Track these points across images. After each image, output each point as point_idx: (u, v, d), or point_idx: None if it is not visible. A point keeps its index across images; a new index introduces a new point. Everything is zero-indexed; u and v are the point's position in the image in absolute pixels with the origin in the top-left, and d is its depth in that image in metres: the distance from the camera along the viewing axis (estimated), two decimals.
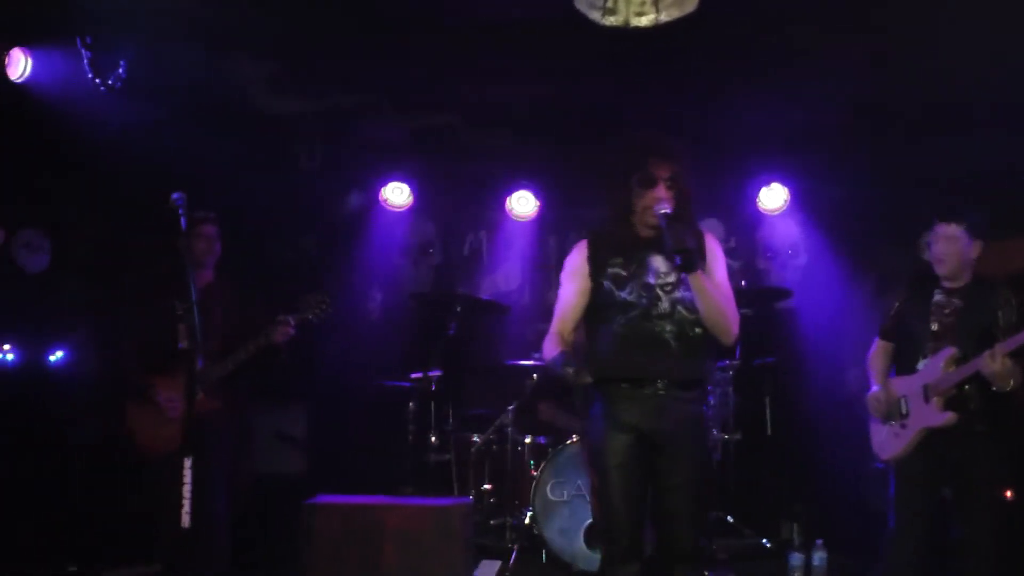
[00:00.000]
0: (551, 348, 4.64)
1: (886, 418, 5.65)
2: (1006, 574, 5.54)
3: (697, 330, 4.61)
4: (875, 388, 5.79)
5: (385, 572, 6.33)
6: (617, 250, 4.70)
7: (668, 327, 4.57)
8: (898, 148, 8.17)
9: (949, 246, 5.47)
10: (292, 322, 6.16)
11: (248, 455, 8.30)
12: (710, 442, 4.57)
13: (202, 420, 5.97)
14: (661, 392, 4.56)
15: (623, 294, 4.62)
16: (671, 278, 4.60)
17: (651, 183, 4.65)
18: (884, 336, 5.87)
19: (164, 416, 6.01)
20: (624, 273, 4.66)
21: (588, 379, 4.47)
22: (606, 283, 4.66)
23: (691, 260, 4.42)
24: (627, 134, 4.96)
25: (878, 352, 5.90)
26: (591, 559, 6.48)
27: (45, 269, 8.14)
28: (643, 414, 4.56)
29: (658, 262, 4.64)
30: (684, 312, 4.60)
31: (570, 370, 4.45)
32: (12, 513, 7.31)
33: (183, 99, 7.60)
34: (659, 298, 4.61)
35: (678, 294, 4.60)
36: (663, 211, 4.54)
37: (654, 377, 4.56)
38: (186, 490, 4.68)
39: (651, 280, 4.62)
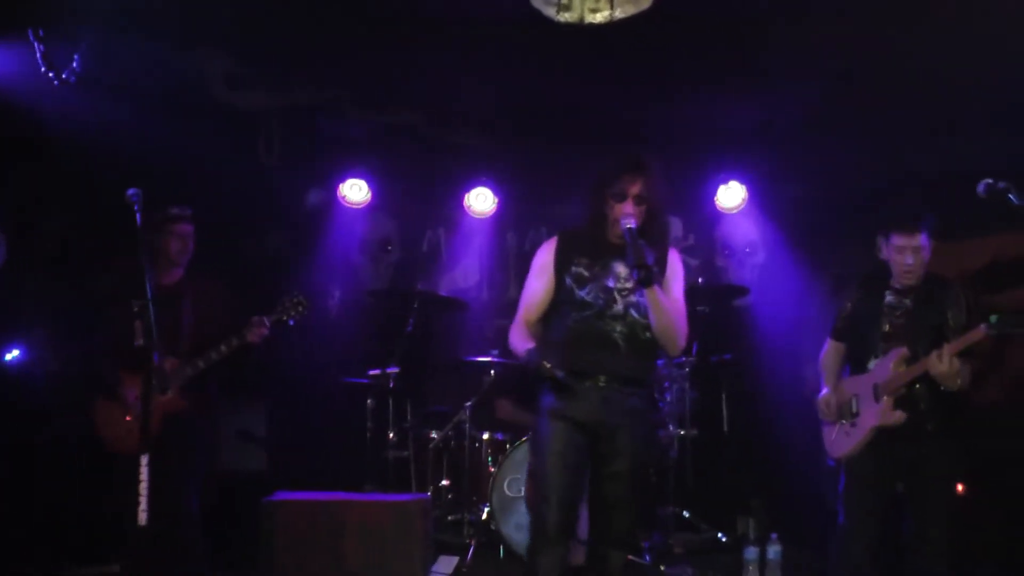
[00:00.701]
0: (520, 340, 4.93)
1: (836, 419, 5.72)
2: (958, 567, 5.62)
3: (647, 334, 4.91)
4: (824, 391, 5.86)
5: (345, 568, 6.34)
6: (584, 251, 5.00)
7: (619, 328, 4.87)
8: (854, 148, 8.23)
9: (917, 256, 5.51)
10: (267, 323, 6.13)
11: (215, 454, 8.29)
12: (660, 437, 4.73)
13: (172, 420, 5.97)
14: (602, 385, 4.84)
15: (582, 293, 4.90)
16: (630, 284, 4.87)
17: (621, 197, 4.90)
18: (835, 337, 5.93)
19: (133, 414, 5.97)
20: (587, 274, 4.95)
21: (559, 372, 4.69)
22: (568, 280, 4.94)
23: (648, 276, 4.66)
24: (616, 149, 5.15)
25: (829, 353, 5.97)
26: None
27: (1, 266, 8.06)
28: (586, 406, 4.83)
29: (620, 268, 4.92)
30: (636, 316, 4.90)
31: (546, 364, 4.69)
32: None
33: (140, 93, 7.54)
34: (615, 300, 4.90)
35: (633, 298, 4.90)
36: (628, 226, 4.79)
37: (597, 372, 4.84)
38: (143, 487, 4.65)
39: (611, 284, 4.92)
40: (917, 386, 5.40)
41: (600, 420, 4.84)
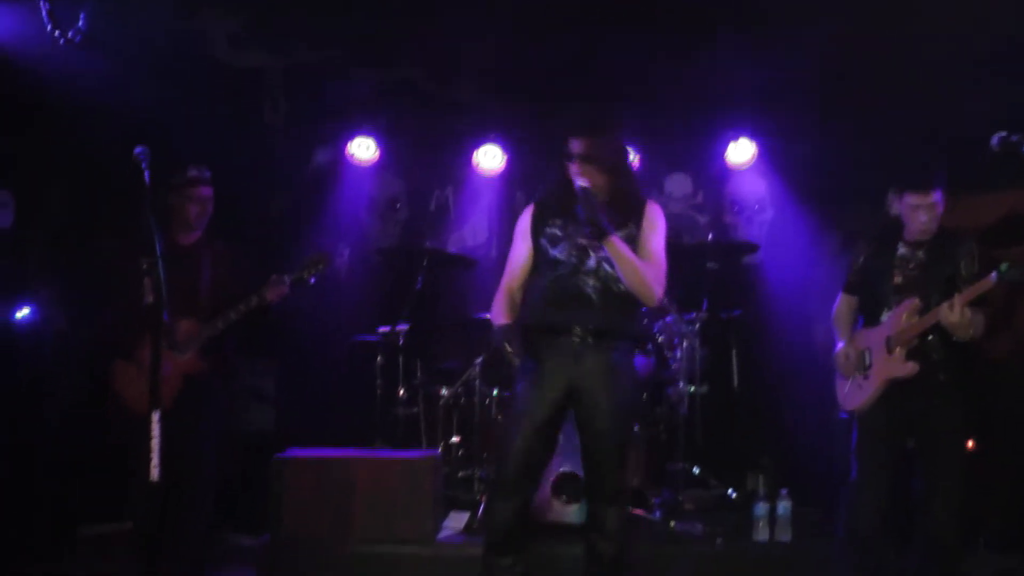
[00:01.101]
0: (497, 313, 5.20)
1: (854, 373, 5.70)
2: (968, 523, 5.62)
3: (621, 286, 5.00)
4: (840, 344, 5.83)
5: (355, 524, 6.39)
6: (557, 212, 5.17)
7: (591, 282, 5.01)
8: (867, 103, 8.18)
9: (931, 213, 5.49)
10: (288, 281, 6.11)
11: (232, 414, 8.32)
12: (641, 390, 4.84)
13: (190, 381, 5.98)
14: (577, 340, 4.96)
15: (555, 252, 5.07)
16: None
17: (569, 158, 5.11)
18: (848, 290, 5.91)
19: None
20: (560, 234, 5.11)
21: (517, 359, 5.00)
22: (543, 241, 5.11)
23: (598, 232, 4.86)
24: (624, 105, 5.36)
25: (842, 307, 5.95)
26: (560, 509, 6.52)
27: (9, 226, 8.06)
28: (562, 362, 4.97)
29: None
30: (609, 270, 5.02)
31: (508, 348, 5.02)
32: None
33: (145, 53, 7.51)
34: (588, 256, 5.04)
35: (604, 252, 4.97)
36: (581, 184, 4.97)
37: (572, 326, 4.97)
38: (154, 444, 4.66)
39: (583, 241, 5.02)
40: (930, 337, 5.37)
41: (575, 377, 4.96)
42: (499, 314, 5.19)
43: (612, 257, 4.94)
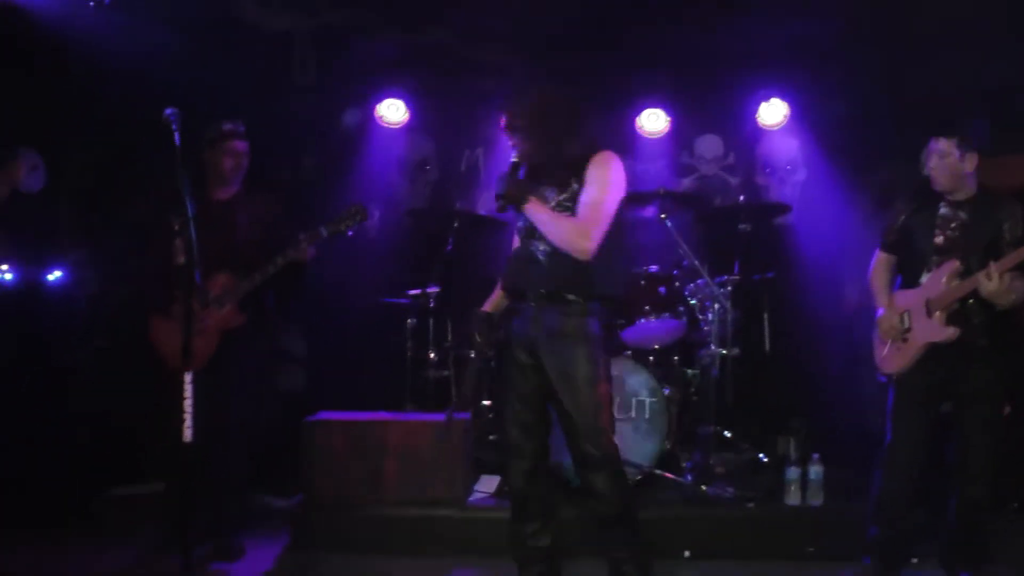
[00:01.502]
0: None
1: (896, 338, 5.63)
2: (1002, 489, 5.59)
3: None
4: (882, 311, 5.77)
5: (386, 487, 6.42)
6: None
7: (541, 247, 5.04)
8: (900, 62, 8.09)
9: (940, 161, 5.45)
10: (324, 233, 6.09)
11: (275, 369, 8.34)
12: (599, 349, 4.86)
13: (229, 335, 6.00)
14: (532, 304, 5.06)
15: (519, 221, 5.21)
16: (551, 203, 5.02)
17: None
18: (885, 248, 5.83)
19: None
20: None
21: (473, 351, 5.29)
22: (512, 211, 5.13)
23: (501, 206, 5.00)
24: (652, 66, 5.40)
25: (879, 266, 5.87)
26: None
27: (42, 189, 8.09)
28: (524, 326, 5.11)
29: (545, 190, 5.07)
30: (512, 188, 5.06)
31: (476, 337, 5.24)
32: (13, 432, 7.34)
33: (174, 15, 7.51)
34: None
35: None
36: (511, 159, 5.13)
37: (527, 291, 5.09)
38: (187, 404, 4.68)
39: (550, 205, 5.04)
40: (970, 301, 5.31)
41: (534, 340, 5.06)
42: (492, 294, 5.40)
43: (533, 222, 5.04)
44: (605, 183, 4.99)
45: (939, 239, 5.47)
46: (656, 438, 6.72)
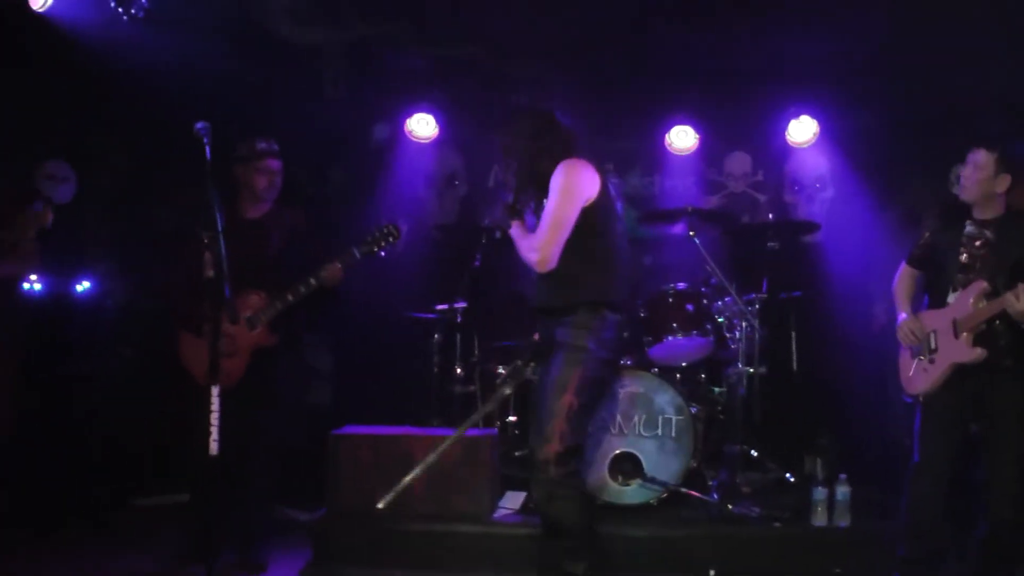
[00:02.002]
0: None
1: (917, 343, 5.60)
2: None
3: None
4: (902, 316, 5.75)
5: (411, 501, 6.38)
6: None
7: None
8: (930, 79, 8.06)
9: (975, 172, 5.43)
10: (358, 254, 6.09)
11: (305, 389, 8.36)
12: (586, 361, 4.90)
13: (260, 354, 6.00)
14: (541, 319, 5.32)
15: None
16: (536, 222, 5.20)
17: None
18: (911, 263, 5.83)
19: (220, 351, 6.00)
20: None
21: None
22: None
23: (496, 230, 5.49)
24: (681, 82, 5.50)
25: (903, 277, 5.86)
26: (616, 490, 6.51)
27: (71, 200, 8.15)
28: (542, 339, 5.33)
29: (528, 211, 5.30)
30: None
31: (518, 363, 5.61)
32: (39, 441, 7.38)
33: (206, 28, 7.55)
34: None
35: None
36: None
37: (535, 307, 5.35)
38: (214, 418, 4.69)
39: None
40: (997, 323, 5.29)
41: (545, 353, 5.25)
42: None
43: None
44: (556, 193, 5.06)
45: (964, 257, 5.45)
46: (682, 456, 6.69)
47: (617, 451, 6.56)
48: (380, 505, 5.44)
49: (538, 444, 5.04)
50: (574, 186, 5.05)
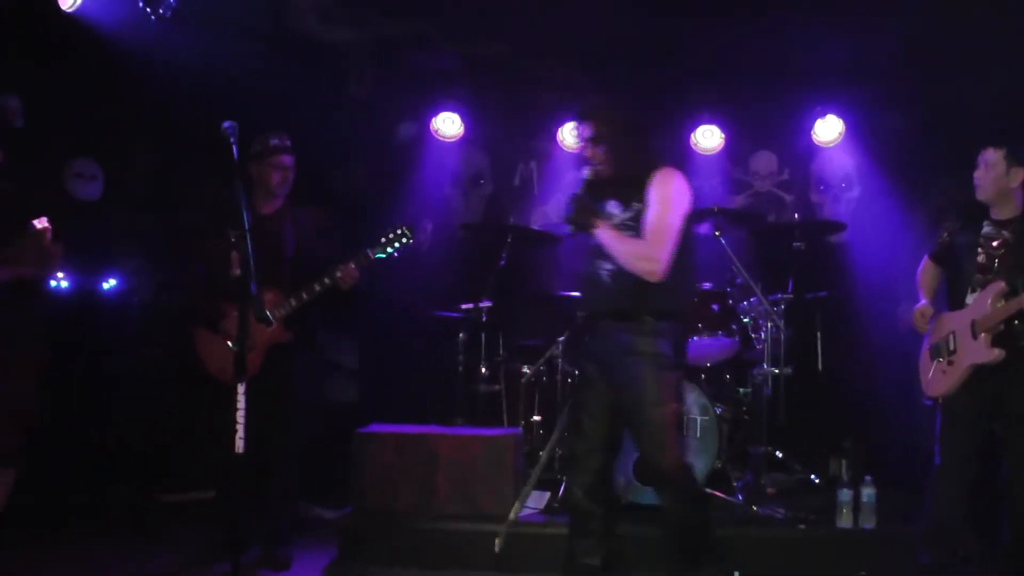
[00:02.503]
0: None
1: (924, 330, 5.61)
2: None
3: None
4: (921, 302, 5.75)
5: (436, 500, 6.42)
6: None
7: (606, 266, 5.08)
8: (955, 78, 8.03)
9: (986, 172, 5.47)
10: (371, 255, 6.09)
11: (319, 385, 8.39)
12: (667, 367, 4.88)
13: (275, 350, 6.03)
14: (602, 324, 5.14)
15: (591, 240, 5.14)
16: (615, 220, 5.07)
17: (580, 145, 5.27)
18: (933, 258, 5.85)
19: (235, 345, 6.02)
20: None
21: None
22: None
23: (576, 229, 5.06)
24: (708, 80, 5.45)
25: (925, 270, 5.92)
26: (640, 491, 6.50)
27: (98, 198, 8.19)
28: (595, 344, 5.20)
29: (611, 206, 5.13)
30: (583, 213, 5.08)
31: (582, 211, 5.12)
32: (68, 437, 7.43)
33: (233, 28, 7.58)
34: None
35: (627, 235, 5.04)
36: (584, 176, 5.20)
37: (596, 311, 5.19)
38: (239, 415, 4.71)
39: (614, 222, 5.08)
40: (1016, 323, 5.27)
41: (603, 358, 5.15)
42: None
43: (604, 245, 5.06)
44: (668, 202, 4.98)
45: (981, 257, 5.45)
46: (707, 457, 6.68)
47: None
48: (511, 517, 5.80)
49: (657, 456, 5.03)
50: (683, 196, 5.05)
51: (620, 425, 5.20)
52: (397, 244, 6.17)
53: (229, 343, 5.98)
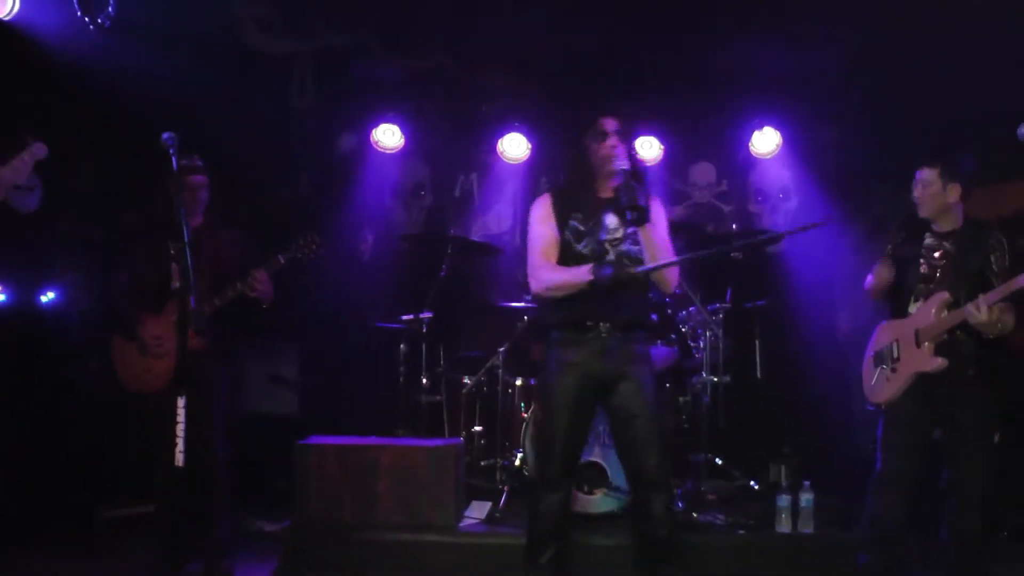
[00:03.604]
0: (558, 272, 5.14)
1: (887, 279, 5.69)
2: (993, 516, 5.60)
3: (639, 279, 5.09)
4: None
5: (378, 511, 6.41)
6: (576, 206, 5.22)
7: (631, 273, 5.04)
8: (891, 92, 8.15)
9: (924, 190, 5.52)
10: (283, 260, 6.10)
11: (238, 394, 8.32)
12: (659, 378, 4.97)
13: (192, 358, 5.98)
14: (604, 335, 5.08)
15: (579, 247, 5.17)
16: (619, 233, 5.13)
17: (603, 136, 5.18)
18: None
19: (150, 354, 5.99)
20: (582, 228, 5.19)
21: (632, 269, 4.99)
22: (567, 234, 5.18)
23: (642, 216, 4.95)
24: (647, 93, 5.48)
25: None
26: (582, 500, 6.52)
27: (36, 209, 8.10)
28: (588, 356, 5.11)
29: (610, 219, 5.19)
30: (627, 263, 5.08)
31: (625, 263, 5.04)
32: (7, 453, 7.34)
33: (173, 37, 7.54)
34: (607, 252, 5.14)
35: (623, 247, 5.15)
36: (622, 167, 5.06)
37: (597, 321, 5.08)
38: (179, 428, 4.68)
39: (603, 236, 5.14)
40: (958, 332, 5.34)
41: (604, 369, 5.10)
42: (562, 269, 5.16)
43: (645, 244, 5.06)
44: (666, 225, 5.22)
45: (924, 268, 5.52)
46: None
47: (581, 460, 6.58)
48: None
49: (662, 461, 5.12)
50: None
51: (586, 438, 5.34)
52: (307, 250, 6.17)
53: (146, 355, 5.96)
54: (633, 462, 5.18)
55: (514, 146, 9.26)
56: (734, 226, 8.38)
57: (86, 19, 6.88)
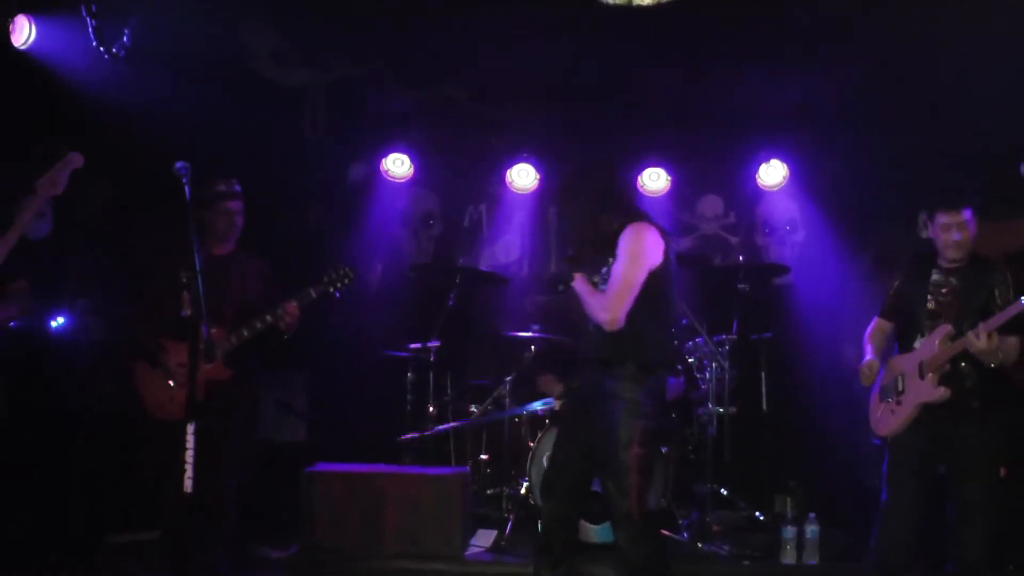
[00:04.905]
0: None
1: (869, 382, 5.71)
2: (999, 550, 5.60)
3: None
4: (867, 357, 5.84)
5: (383, 539, 6.43)
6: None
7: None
8: (898, 126, 8.20)
9: (964, 231, 5.49)
10: (314, 294, 6.11)
11: (256, 424, 8.35)
12: (640, 415, 4.98)
13: (215, 387, 6.01)
14: (588, 369, 5.30)
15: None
16: (594, 279, 5.24)
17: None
18: (883, 315, 5.91)
19: (174, 381, 6.00)
20: None
21: None
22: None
23: (553, 286, 5.33)
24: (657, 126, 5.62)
25: (875, 331, 5.94)
26: (586, 529, 6.54)
27: (48, 236, 8.15)
28: (582, 386, 5.38)
29: (590, 269, 5.29)
30: None
31: None
32: (13, 478, 7.36)
33: (188, 68, 7.60)
34: None
35: (601, 288, 5.20)
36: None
37: (585, 357, 5.34)
38: (188, 455, 4.71)
39: (595, 279, 5.25)
40: (962, 364, 5.36)
41: (586, 400, 5.28)
42: None
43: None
44: (629, 256, 5.10)
45: (931, 304, 5.54)
46: (653, 495, 6.74)
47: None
48: None
49: (620, 498, 5.09)
50: (642, 252, 5.13)
51: (585, 469, 5.30)
52: (339, 284, 6.18)
53: (171, 382, 5.98)
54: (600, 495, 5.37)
55: (523, 176, 9.31)
56: (741, 258, 8.41)
57: (101, 49, 6.94)
